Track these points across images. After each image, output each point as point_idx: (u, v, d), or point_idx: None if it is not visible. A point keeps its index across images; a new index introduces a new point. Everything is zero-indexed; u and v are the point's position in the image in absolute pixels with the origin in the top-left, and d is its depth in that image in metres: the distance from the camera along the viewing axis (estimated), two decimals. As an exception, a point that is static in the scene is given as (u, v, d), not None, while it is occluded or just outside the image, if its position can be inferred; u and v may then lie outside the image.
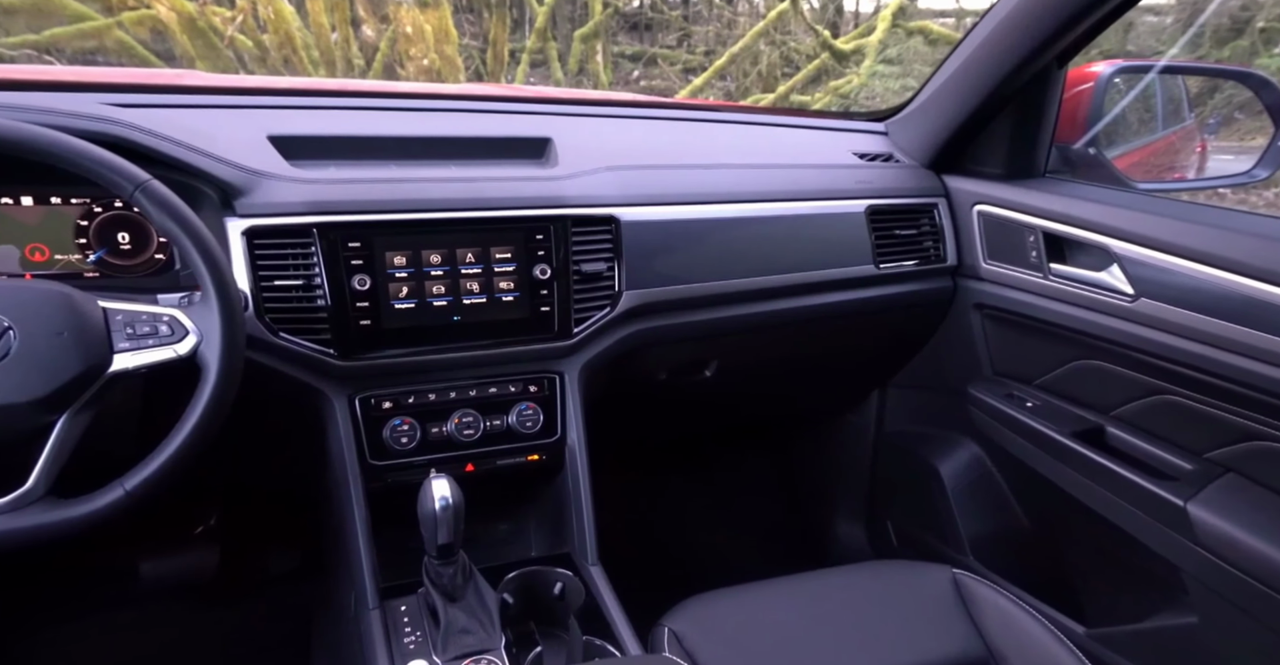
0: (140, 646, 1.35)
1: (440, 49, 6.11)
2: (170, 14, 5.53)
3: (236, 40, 5.82)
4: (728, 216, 1.21)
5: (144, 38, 5.70)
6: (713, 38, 9.21)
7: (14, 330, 0.71)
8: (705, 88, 7.83)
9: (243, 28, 5.86)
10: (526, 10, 7.63)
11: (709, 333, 1.23)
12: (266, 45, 5.76)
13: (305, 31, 6.07)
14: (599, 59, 7.79)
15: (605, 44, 7.87)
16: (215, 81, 1.17)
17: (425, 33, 6.10)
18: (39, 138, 0.72)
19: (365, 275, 0.97)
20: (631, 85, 8.62)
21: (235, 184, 0.92)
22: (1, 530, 0.70)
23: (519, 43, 7.55)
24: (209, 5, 5.77)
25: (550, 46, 7.52)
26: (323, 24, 6.10)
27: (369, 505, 1.00)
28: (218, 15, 5.77)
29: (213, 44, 5.61)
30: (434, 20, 5.94)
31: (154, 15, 5.60)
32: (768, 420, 1.85)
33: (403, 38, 6.05)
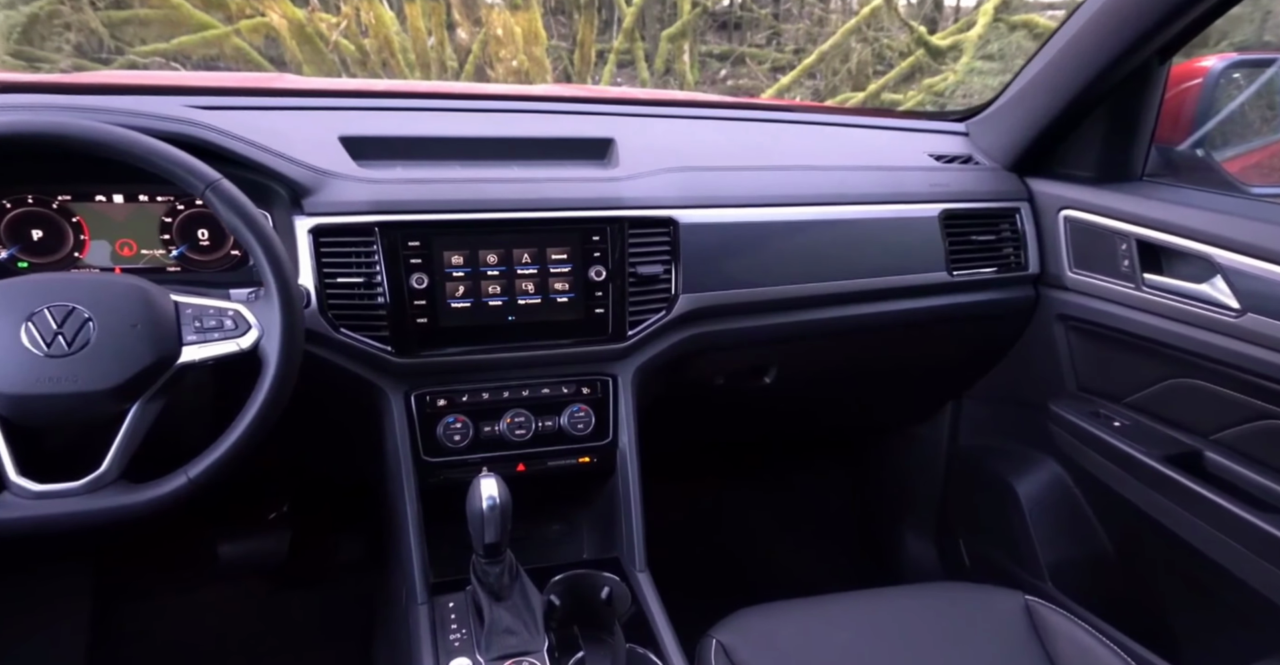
0: (218, 625, 1.43)
1: (529, 50, 6.22)
2: (282, 21, 5.83)
3: (340, 44, 6.09)
4: (791, 220, 1.17)
5: (258, 44, 6.04)
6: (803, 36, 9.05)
7: (93, 321, 0.76)
8: (793, 86, 7.70)
9: (346, 33, 6.13)
10: (615, 11, 7.68)
11: (769, 338, 1.20)
12: (367, 49, 6.00)
13: (403, 35, 6.30)
14: (685, 59, 7.77)
15: (692, 43, 7.84)
16: (293, 84, 1.23)
17: (515, 35, 6.22)
18: (118, 138, 0.76)
19: (423, 274, 0.98)
20: (718, 84, 8.57)
21: (304, 183, 0.95)
22: (75, 511, 0.74)
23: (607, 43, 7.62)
24: (317, 12, 6.06)
25: (637, 47, 7.55)
26: (420, 28, 6.31)
27: (421, 500, 1.02)
28: (324, 21, 6.04)
29: (318, 49, 5.89)
30: (524, 22, 6.05)
31: (268, 23, 5.92)
32: (833, 429, 1.79)
33: (493, 40, 6.19)
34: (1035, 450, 1.45)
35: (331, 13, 5.98)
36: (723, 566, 1.73)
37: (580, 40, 7.32)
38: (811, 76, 8.11)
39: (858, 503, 1.88)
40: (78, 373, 0.74)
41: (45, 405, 0.74)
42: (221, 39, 5.71)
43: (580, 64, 7.20)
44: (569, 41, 7.75)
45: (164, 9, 5.80)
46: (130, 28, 5.89)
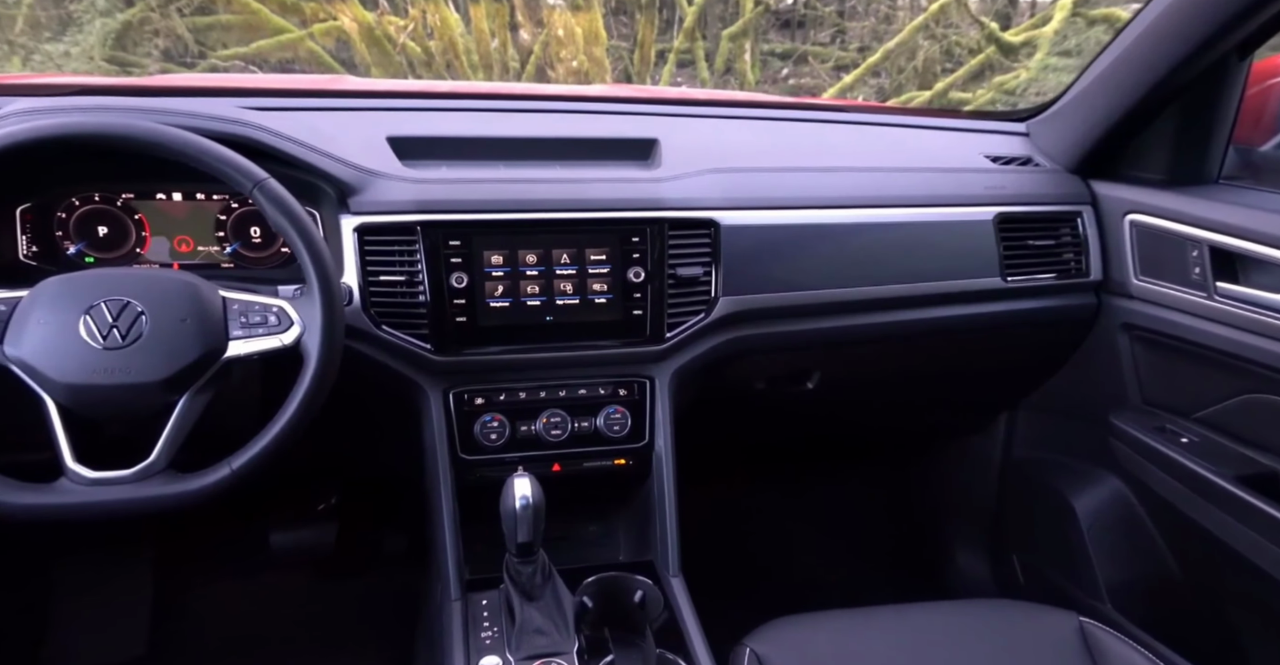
0: (270, 610, 1.48)
1: (589, 51, 6.26)
2: (352, 25, 6.01)
3: (407, 47, 6.24)
4: (837, 222, 1.15)
5: (330, 47, 6.24)
6: (868, 34, 8.87)
7: (146, 315, 0.79)
8: (856, 85, 7.56)
9: (413, 35, 6.28)
10: (677, 11, 7.67)
11: (812, 343, 1.18)
12: (432, 51, 6.13)
13: (468, 37, 6.42)
14: (746, 58, 7.71)
15: (754, 42, 7.77)
16: (346, 85, 1.26)
17: (575, 35, 6.27)
18: (173, 138, 0.79)
19: (463, 273, 1.00)
20: (779, 84, 8.47)
21: (350, 182, 0.97)
22: (125, 498, 0.77)
23: (668, 43, 7.61)
24: (385, 15, 6.22)
25: (698, 46, 7.52)
26: (484, 30, 6.41)
27: (457, 497, 1.03)
28: (392, 24, 6.20)
29: (386, 51, 6.05)
30: (585, 23, 6.10)
31: (339, 26, 6.11)
32: (880, 437, 1.75)
33: (554, 41, 6.25)
34: (1095, 465, 1.39)
35: (399, 16, 6.13)
36: (760, 573, 1.70)
37: (640, 40, 7.33)
38: (876, 75, 7.95)
39: (903, 512, 1.83)
40: (130, 365, 0.77)
41: (100, 395, 0.77)
42: (296, 43, 5.92)
43: (640, 64, 7.21)
44: (629, 42, 7.78)
45: (244, 15, 6.04)
46: (214, 33, 6.14)
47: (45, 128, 0.75)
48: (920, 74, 7.73)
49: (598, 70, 6.46)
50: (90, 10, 5.30)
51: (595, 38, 6.44)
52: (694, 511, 1.12)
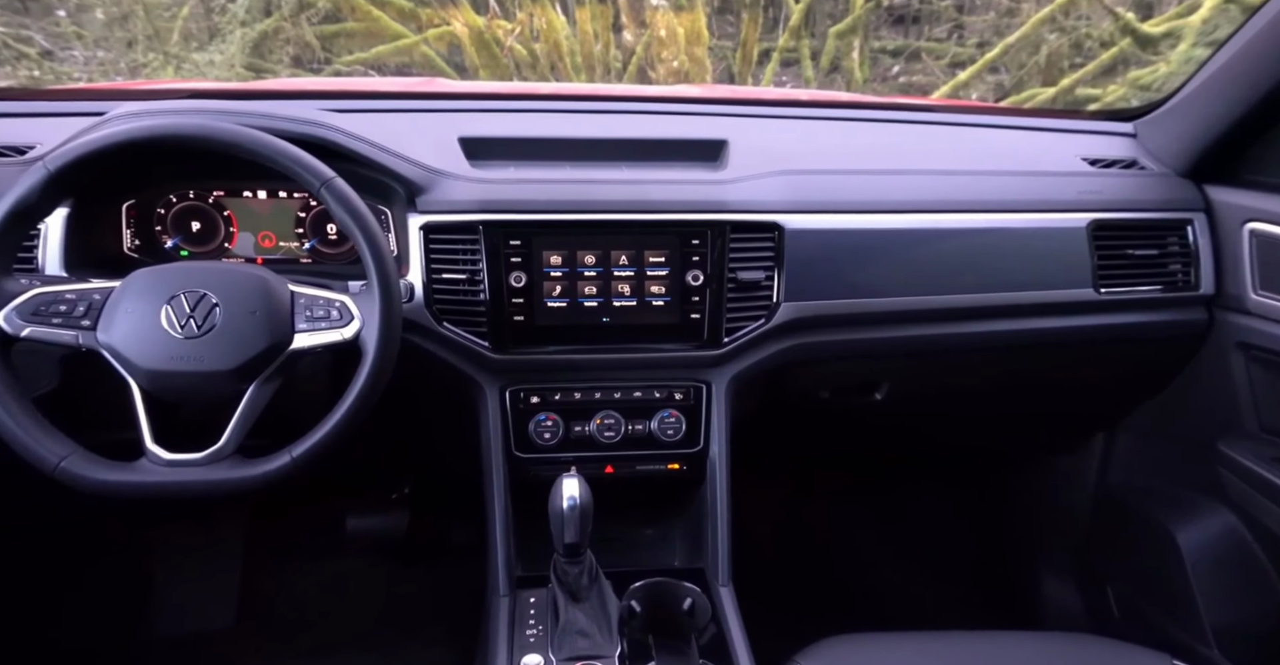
0: (344, 591, 1.55)
1: (690, 51, 6.25)
2: (463, 29, 6.24)
3: (514, 49, 6.42)
4: (911, 227, 1.09)
5: (443, 51, 6.50)
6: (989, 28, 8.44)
7: (220, 307, 0.84)
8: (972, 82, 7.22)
9: (520, 38, 6.45)
10: (783, 9, 7.54)
11: (880, 353, 1.13)
12: (537, 53, 6.28)
13: (572, 39, 6.54)
14: (854, 55, 7.49)
15: (863, 40, 7.55)
16: (424, 87, 1.30)
17: (678, 35, 6.28)
18: (247, 138, 0.84)
19: (522, 272, 1.01)
20: (889, 82, 8.18)
21: (418, 182, 1.00)
22: (194, 480, 0.82)
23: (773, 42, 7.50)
24: (495, 19, 6.42)
25: (803, 44, 7.37)
26: (587, 32, 6.52)
27: (511, 494, 1.05)
28: (500, 28, 6.40)
29: (494, 54, 6.24)
30: (687, 23, 6.09)
31: (452, 31, 6.36)
32: (960, 452, 1.65)
33: (656, 41, 6.28)
34: (1202, 495, 1.27)
35: (508, 20, 6.32)
36: (821, 587, 1.65)
37: (743, 39, 7.26)
38: (994, 71, 7.57)
39: (985, 532, 1.72)
40: (204, 353, 0.82)
41: (177, 381, 0.82)
42: (411, 47, 6.19)
43: (741, 63, 7.14)
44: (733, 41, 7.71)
45: (367, 22, 6.38)
46: (339, 40, 6.51)
47: (136, 129, 0.81)
48: (1044, 69, 7.30)
49: (698, 70, 6.45)
50: (232, 22, 5.72)
51: (697, 38, 6.42)
52: (756, 520, 1.09)
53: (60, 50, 5.96)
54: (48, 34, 6.02)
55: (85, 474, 0.79)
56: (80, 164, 0.80)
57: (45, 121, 1.04)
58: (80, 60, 5.94)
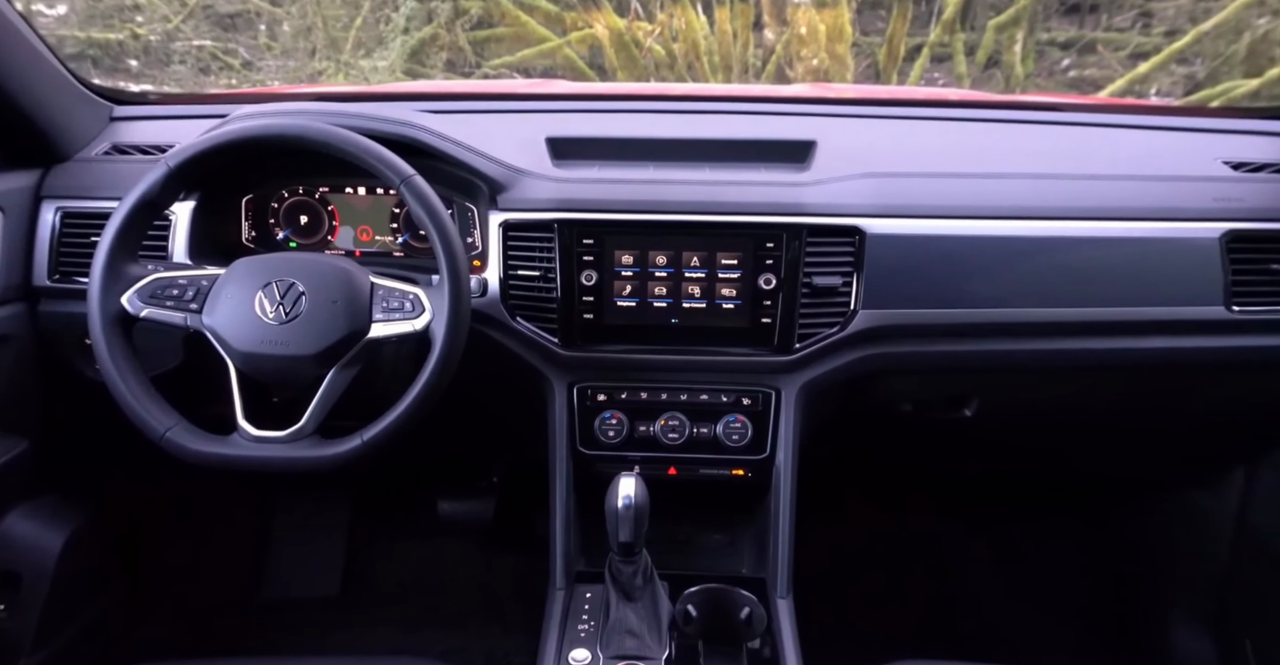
0: (435, 570, 1.64)
1: (831, 48, 6.09)
2: (605, 32, 6.40)
3: (652, 50, 6.51)
4: (1013, 234, 1.01)
5: (584, 54, 6.69)
6: (1181, 15, 7.63)
7: (306, 295, 0.90)
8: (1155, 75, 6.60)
9: (659, 38, 6.53)
10: (936, 2, 7.18)
11: (970, 367, 1.06)
12: (675, 53, 6.33)
13: (711, 38, 6.54)
14: (1016, 49, 7.01)
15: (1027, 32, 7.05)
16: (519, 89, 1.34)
17: (818, 33, 6.13)
18: (336, 137, 0.90)
19: (593, 271, 1.02)
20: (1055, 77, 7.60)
21: (499, 180, 1.04)
22: (275, 456, 0.89)
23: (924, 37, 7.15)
24: (635, 21, 6.54)
25: (957, 39, 6.99)
26: (726, 31, 6.50)
27: (573, 489, 1.07)
28: (640, 29, 6.50)
29: (633, 55, 6.35)
30: (829, 19, 5.93)
31: (593, 34, 6.53)
32: (1073, 478, 1.51)
33: (796, 39, 6.16)
34: None
35: (649, 22, 6.41)
36: (897, 608, 1.55)
37: (890, 34, 6.98)
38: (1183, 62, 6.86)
39: (1098, 569, 1.56)
40: (290, 338, 0.89)
41: (267, 364, 0.89)
42: (554, 51, 6.41)
43: (887, 60, 6.86)
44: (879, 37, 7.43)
45: (515, 27, 6.67)
46: (490, 45, 6.85)
47: (242, 129, 0.90)
48: (1247, 59, 6.53)
49: (839, 68, 6.26)
50: (394, 31, 6.16)
51: (839, 34, 6.24)
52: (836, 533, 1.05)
53: (258, 61, 6.65)
54: (248, 47, 6.74)
55: (185, 444, 0.88)
56: (194, 161, 0.89)
57: (186, 123, 1.16)
58: (273, 69, 6.59)
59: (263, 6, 6.74)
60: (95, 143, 1.14)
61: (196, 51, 6.54)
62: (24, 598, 1.16)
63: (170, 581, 1.46)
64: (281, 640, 1.49)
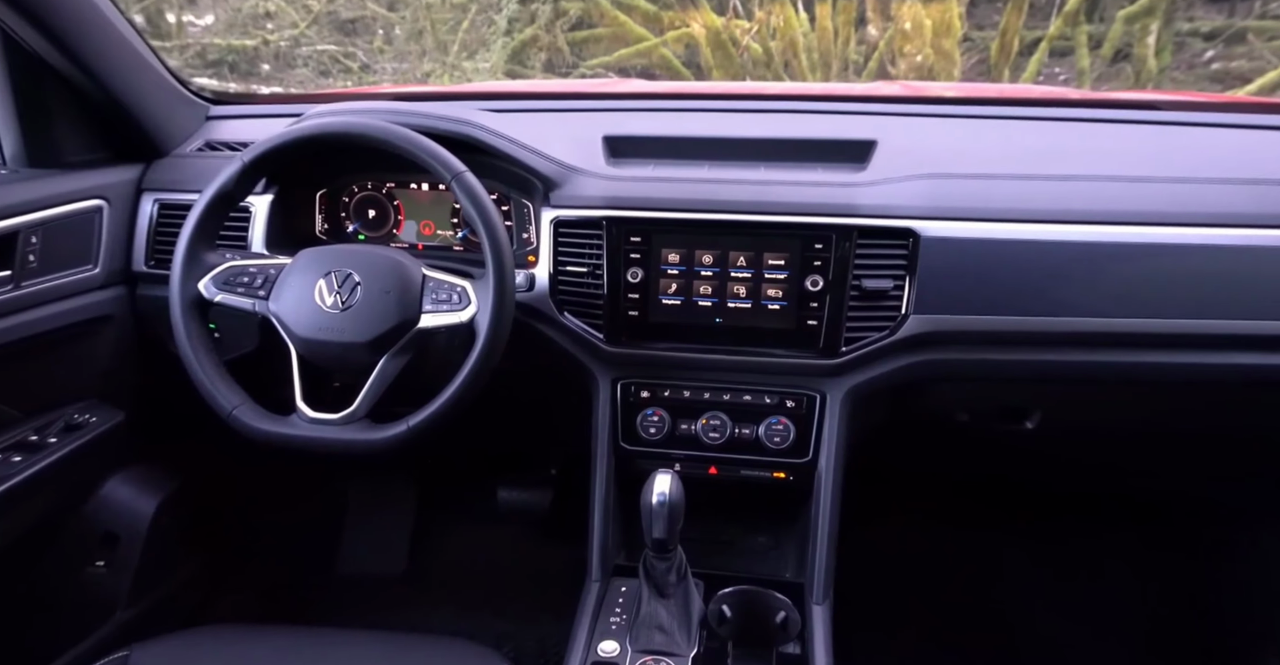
0: (495, 555, 1.68)
1: (937, 44, 5.86)
2: (701, 30, 6.38)
3: (750, 48, 6.45)
4: (1083, 240, 0.95)
5: (680, 53, 6.70)
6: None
7: (361, 286, 0.95)
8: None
9: (757, 36, 6.46)
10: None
11: (1031, 377, 1.00)
12: (772, 51, 6.25)
13: (810, 35, 6.42)
14: (1150, 41, 6.54)
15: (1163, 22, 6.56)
16: (581, 88, 1.36)
17: (924, 28, 5.91)
18: (393, 134, 0.94)
19: (639, 269, 1.03)
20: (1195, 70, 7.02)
21: (552, 177, 1.06)
22: (328, 438, 0.93)
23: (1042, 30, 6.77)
24: (733, 20, 6.49)
25: (1080, 31, 6.58)
26: (827, 27, 6.36)
27: (613, 483, 1.08)
28: (738, 27, 6.45)
29: (729, 53, 6.32)
30: (936, 14, 5.71)
31: (690, 33, 6.53)
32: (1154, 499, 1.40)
33: (899, 34, 5.97)
34: None
35: (747, 19, 6.35)
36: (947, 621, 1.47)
37: (1003, 28, 6.65)
38: (1354, 52, 6.22)
39: (1180, 596, 1.43)
40: (345, 326, 0.94)
41: (325, 350, 0.94)
42: (651, 50, 6.45)
43: (999, 55, 6.54)
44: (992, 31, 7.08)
45: (613, 27, 6.75)
46: (588, 45, 6.96)
47: (308, 127, 0.95)
48: None
49: (945, 64, 6.02)
50: (495, 33, 6.36)
51: (946, 29, 6.00)
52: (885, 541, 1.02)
53: (374, 64, 7.01)
54: (366, 51, 7.11)
55: (248, 422, 0.94)
56: (265, 156, 0.96)
57: (271, 121, 1.24)
58: (387, 71, 6.93)
59: (379, 12, 7.09)
60: (191, 140, 1.24)
61: (319, 55, 6.95)
62: (121, 556, 1.27)
63: (252, 552, 1.57)
64: (349, 614, 1.57)
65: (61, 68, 1.05)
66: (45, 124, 1.10)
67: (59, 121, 1.11)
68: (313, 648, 0.94)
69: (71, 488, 1.18)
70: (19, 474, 1.03)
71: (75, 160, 1.12)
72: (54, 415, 1.12)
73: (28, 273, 1.03)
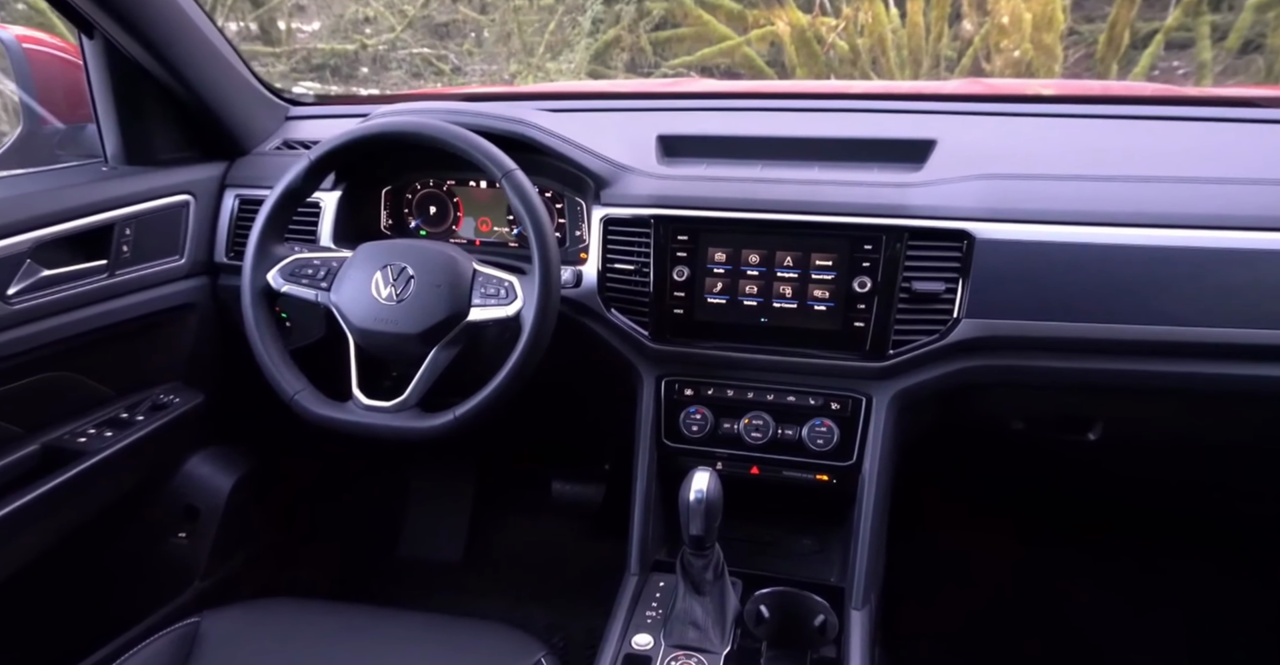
0: (548, 546, 1.72)
1: (1037, 38, 5.60)
2: (786, 28, 6.30)
3: (836, 45, 6.32)
4: (1154, 244, 0.90)
5: (763, 51, 6.63)
6: None
7: (414, 279, 0.98)
8: None
9: (843, 33, 6.33)
10: (1174, -18, 6.37)
11: (1093, 386, 0.95)
12: (859, 49, 6.12)
13: (901, 31, 6.25)
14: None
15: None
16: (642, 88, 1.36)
17: (1023, 22, 5.66)
18: (447, 133, 0.97)
19: (685, 267, 1.03)
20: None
21: (603, 176, 1.07)
22: (380, 424, 0.97)
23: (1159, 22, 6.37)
24: (819, 17, 6.38)
25: (1203, 21, 6.16)
26: (918, 23, 6.18)
27: (655, 479, 1.08)
28: (824, 25, 6.34)
29: (813, 51, 6.21)
30: (1037, 7, 5.46)
31: (774, 31, 6.46)
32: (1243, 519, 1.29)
33: (996, 29, 5.73)
34: None
35: (834, 16, 6.23)
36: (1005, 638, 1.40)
37: (1112, 20, 6.30)
38: None
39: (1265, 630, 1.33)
40: (399, 317, 0.97)
41: (379, 340, 0.99)
42: (734, 49, 6.41)
43: (1106, 48, 6.20)
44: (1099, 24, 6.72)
45: (696, 26, 6.75)
46: (670, 45, 6.98)
47: (367, 127, 1.00)
48: None
49: (1045, 59, 5.74)
50: (579, 34, 6.45)
51: (1048, 23, 5.72)
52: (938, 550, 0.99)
53: (465, 66, 7.24)
54: (457, 53, 7.34)
55: (308, 406, 0.99)
56: (330, 154, 1.01)
57: (340, 122, 1.30)
58: (478, 73, 7.14)
59: (471, 15, 7.30)
60: (271, 139, 1.31)
61: (412, 58, 7.22)
62: (201, 529, 1.36)
63: (320, 532, 1.65)
64: (408, 596, 1.63)
65: (157, 74, 1.13)
66: (142, 125, 1.19)
67: (153, 123, 1.20)
68: (365, 625, 0.99)
69: (157, 462, 1.27)
70: (109, 447, 1.11)
71: (167, 158, 1.21)
72: (142, 395, 1.21)
73: (121, 262, 1.11)
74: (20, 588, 1.06)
